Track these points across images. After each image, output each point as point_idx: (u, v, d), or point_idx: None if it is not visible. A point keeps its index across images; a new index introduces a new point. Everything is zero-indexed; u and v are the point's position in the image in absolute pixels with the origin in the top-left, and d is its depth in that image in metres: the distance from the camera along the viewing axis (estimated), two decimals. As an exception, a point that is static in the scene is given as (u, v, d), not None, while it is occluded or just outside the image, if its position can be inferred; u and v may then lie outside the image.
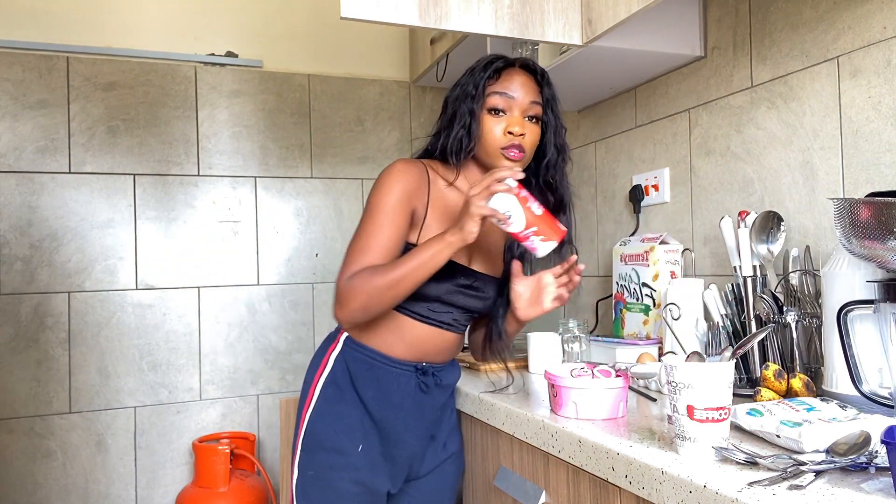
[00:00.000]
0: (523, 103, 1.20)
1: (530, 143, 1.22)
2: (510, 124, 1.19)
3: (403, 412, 1.25)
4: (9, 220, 2.15)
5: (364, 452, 1.22)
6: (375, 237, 1.16)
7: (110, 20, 2.28)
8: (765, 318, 1.21)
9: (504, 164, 1.19)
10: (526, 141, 1.21)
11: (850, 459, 0.76)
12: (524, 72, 1.24)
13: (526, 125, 1.21)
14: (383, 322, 1.23)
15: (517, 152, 1.19)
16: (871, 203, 0.90)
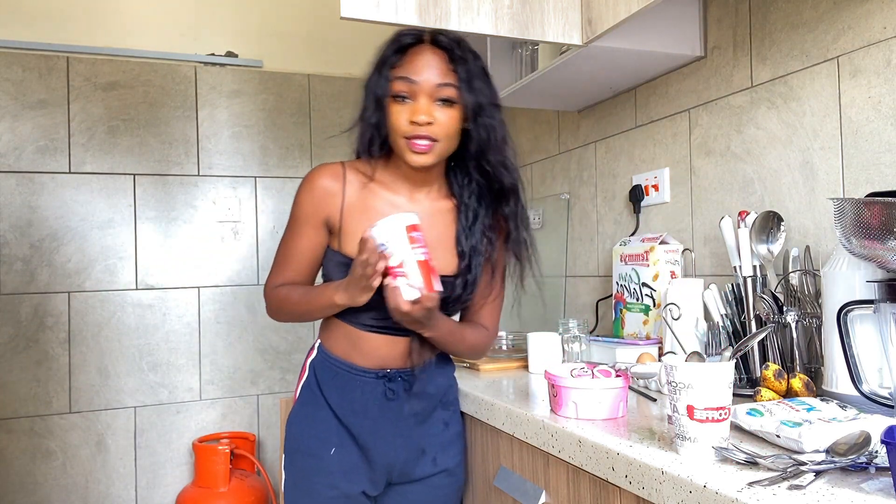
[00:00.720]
0: (429, 87, 1.08)
1: (444, 131, 1.10)
2: (414, 112, 1.08)
3: (369, 419, 1.20)
4: (9, 220, 2.15)
5: (337, 456, 1.19)
6: (289, 249, 1.21)
7: (110, 20, 2.28)
8: (765, 318, 1.21)
9: (410, 158, 1.11)
10: (436, 129, 1.09)
11: (850, 459, 0.76)
12: (433, 49, 1.11)
13: (437, 110, 1.09)
14: (340, 332, 1.21)
15: (424, 143, 1.09)
16: (871, 203, 0.90)
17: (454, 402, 1.32)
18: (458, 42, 1.13)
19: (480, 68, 1.14)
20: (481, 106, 1.12)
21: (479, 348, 1.28)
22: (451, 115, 1.10)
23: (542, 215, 2.30)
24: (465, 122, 1.13)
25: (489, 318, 1.28)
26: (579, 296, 2.10)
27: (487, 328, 1.28)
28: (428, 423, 1.25)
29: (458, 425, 1.31)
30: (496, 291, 1.28)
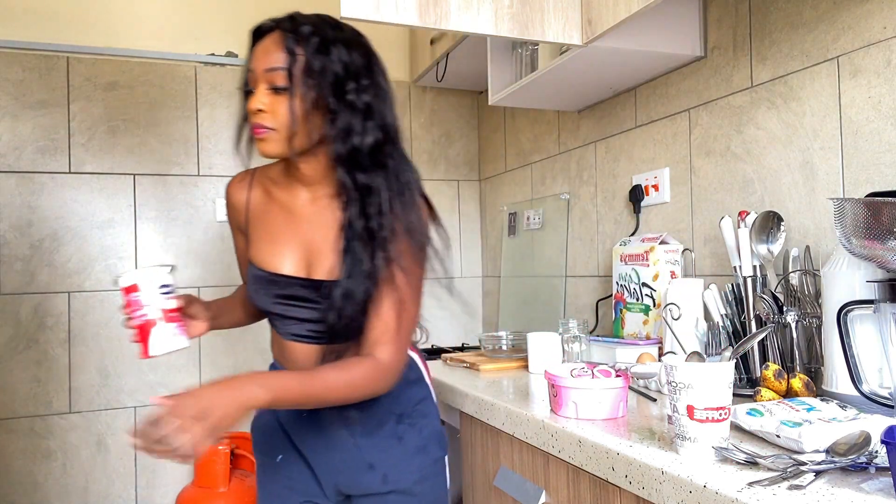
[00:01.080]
0: (259, 73, 1.01)
1: (278, 119, 1.00)
2: (249, 102, 1.02)
3: (303, 429, 1.16)
4: (9, 220, 2.15)
5: (284, 463, 1.18)
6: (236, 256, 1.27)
7: (110, 20, 2.28)
8: (765, 318, 1.21)
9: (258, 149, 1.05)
10: (269, 118, 1.01)
11: (850, 459, 0.76)
12: (275, 34, 1.02)
13: (269, 98, 1.01)
14: (274, 338, 1.19)
15: (261, 132, 1.02)
16: (871, 203, 0.90)
17: (420, 417, 1.18)
18: (305, 22, 1.02)
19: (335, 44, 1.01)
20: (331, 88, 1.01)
21: (363, 387, 1.01)
22: (282, 101, 1.00)
23: (542, 215, 2.30)
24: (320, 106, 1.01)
25: (381, 339, 1.04)
26: (579, 296, 2.10)
27: (377, 355, 1.03)
28: (377, 436, 1.14)
29: (417, 441, 1.17)
30: (388, 304, 1.04)
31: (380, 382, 1.04)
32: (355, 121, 1.02)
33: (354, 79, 1.02)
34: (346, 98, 1.01)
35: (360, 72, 1.03)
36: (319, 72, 1.00)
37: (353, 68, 1.02)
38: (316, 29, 1.01)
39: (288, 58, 0.99)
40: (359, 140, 1.02)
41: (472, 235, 2.78)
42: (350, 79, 1.02)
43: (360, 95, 1.02)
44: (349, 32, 1.06)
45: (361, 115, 1.02)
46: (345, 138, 1.02)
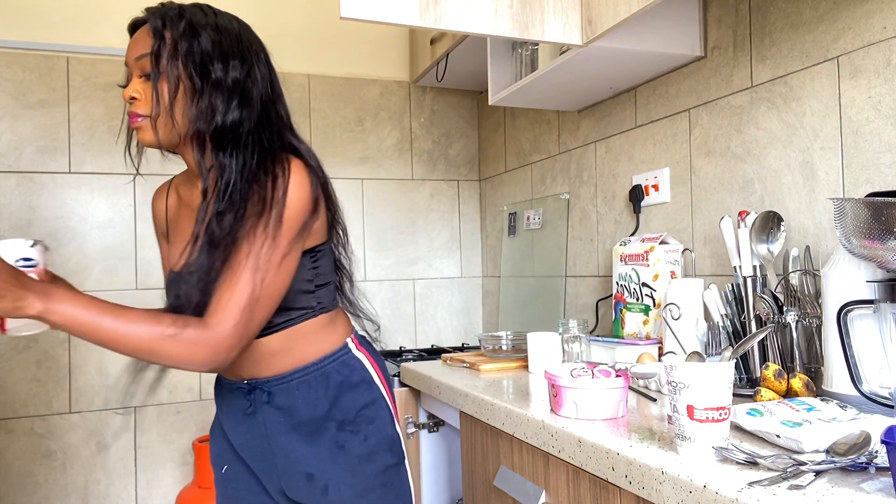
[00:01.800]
0: (130, 61, 1.02)
1: (147, 106, 1.00)
2: (124, 93, 1.02)
3: (240, 436, 1.12)
4: (9, 220, 2.15)
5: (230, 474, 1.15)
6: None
7: (110, 20, 2.28)
8: (765, 318, 1.21)
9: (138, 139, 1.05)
10: (140, 105, 1.00)
11: (850, 459, 0.76)
12: (144, 25, 1.02)
13: (142, 86, 1.01)
14: None
15: (134, 119, 1.01)
16: (871, 203, 0.90)
17: (364, 423, 1.09)
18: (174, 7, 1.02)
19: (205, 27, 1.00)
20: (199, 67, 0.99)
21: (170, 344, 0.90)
22: (150, 87, 0.99)
23: (542, 215, 2.30)
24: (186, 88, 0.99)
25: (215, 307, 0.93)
26: (579, 296, 2.10)
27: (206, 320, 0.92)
28: (316, 444, 1.07)
29: (361, 449, 1.08)
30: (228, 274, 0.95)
31: (195, 348, 0.91)
32: (219, 100, 0.99)
33: (222, 59, 1.00)
34: (211, 77, 0.99)
35: (230, 53, 1.01)
36: (185, 53, 0.98)
37: (222, 49, 1.00)
38: (184, 12, 1.01)
39: (155, 42, 0.98)
40: (220, 119, 0.99)
41: (472, 235, 2.78)
42: (218, 59, 1.00)
43: (227, 75, 1.00)
44: (225, 19, 1.04)
45: (227, 94, 1.00)
46: (208, 117, 0.99)
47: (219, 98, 0.99)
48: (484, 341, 1.84)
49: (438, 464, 1.88)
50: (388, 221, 2.63)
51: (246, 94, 1.02)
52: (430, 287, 2.68)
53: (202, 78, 0.99)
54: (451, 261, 2.73)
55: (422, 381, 1.69)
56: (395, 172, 2.64)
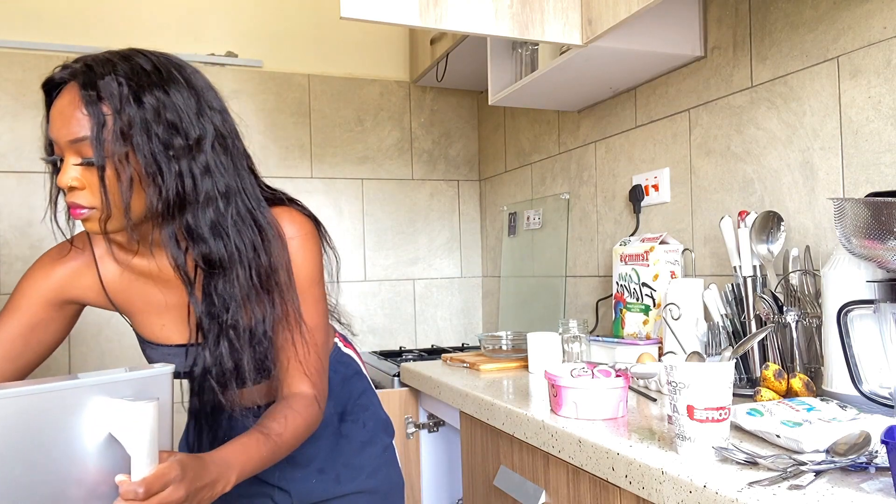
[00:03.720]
0: (63, 143, 0.83)
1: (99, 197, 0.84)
2: (58, 177, 0.85)
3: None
4: (9, 219, 2.15)
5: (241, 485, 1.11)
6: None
7: (110, 20, 2.28)
8: (765, 318, 1.21)
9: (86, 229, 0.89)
10: (84, 195, 0.84)
11: (850, 459, 0.76)
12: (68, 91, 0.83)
13: (81, 170, 0.83)
14: None
15: (80, 212, 0.85)
16: (871, 203, 0.90)
17: (361, 411, 1.17)
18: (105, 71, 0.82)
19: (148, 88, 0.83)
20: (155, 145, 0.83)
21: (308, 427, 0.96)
22: (94, 175, 0.83)
23: (542, 215, 2.30)
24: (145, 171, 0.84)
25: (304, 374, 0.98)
26: (579, 296, 2.10)
27: (306, 392, 0.98)
28: (321, 438, 1.12)
29: (363, 435, 1.16)
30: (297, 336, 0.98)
31: (319, 417, 0.99)
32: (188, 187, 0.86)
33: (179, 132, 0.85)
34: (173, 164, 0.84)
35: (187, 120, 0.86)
36: (136, 133, 0.82)
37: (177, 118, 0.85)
38: (120, 77, 0.82)
39: (91, 123, 0.80)
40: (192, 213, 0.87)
41: (472, 235, 2.78)
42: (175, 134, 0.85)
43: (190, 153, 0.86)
44: (161, 66, 0.88)
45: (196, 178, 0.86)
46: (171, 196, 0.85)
47: (187, 185, 0.86)
48: (484, 341, 1.84)
49: (438, 464, 1.88)
50: (388, 221, 2.63)
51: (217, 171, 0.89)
52: (430, 287, 2.68)
53: (159, 163, 0.84)
54: (451, 261, 2.73)
55: (422, 381, 1.69)
56: (395, 172, 2.64)
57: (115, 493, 0.73)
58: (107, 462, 0.75)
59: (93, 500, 0.74)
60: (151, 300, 1.00)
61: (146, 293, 0.99)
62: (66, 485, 0.73)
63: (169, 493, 0.72)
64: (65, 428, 0.72)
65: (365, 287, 2.58)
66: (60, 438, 0.72)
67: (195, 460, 0.78)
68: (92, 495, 0.74)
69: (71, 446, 0.72)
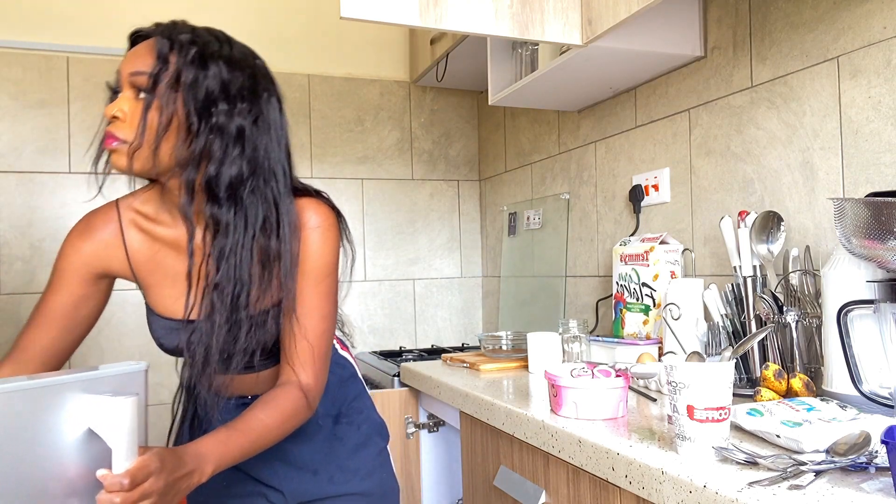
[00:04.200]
0: (124, 75, 0.90)
1: (132, 127, 0.89)
2: (107, 108, 0.91)
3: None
4: (9, 220, 2.15)
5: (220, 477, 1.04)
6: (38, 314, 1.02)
7: (110, 20, 2.28)
8: (765, 318, 1.21)
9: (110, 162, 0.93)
10: (123, 127, 0.90)
11: (850, 459, 0.76)
12: (149, 39, 0.93)
13: (130, 104, 0.90)
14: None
15: (108, 140, 0.90)
16: (871, 203, 0.90)
17: (356, 413, 1.18)
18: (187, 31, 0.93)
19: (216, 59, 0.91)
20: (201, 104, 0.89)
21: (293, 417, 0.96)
22: (139, 110, 0.89)
23: (542, 215, 2.30)
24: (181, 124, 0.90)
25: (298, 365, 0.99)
26: (579, 296, 2.10)
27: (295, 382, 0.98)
28: (316, 440, 1.13)
29: (357, 438, 1.16)
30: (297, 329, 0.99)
31: (309, 409, 0.99)
32: (215, 146, 0.90)
33: (229, 100, 0.91)
34: (212, 119, 0.90)
35: (238, 94, 0.92)
36: (189, 85, 0.89)
37: (231, 89, 0.91)
38: (196, 39, 0.92)
39: (156, 63, 0.89)
40: (215, 169, 0.90)
41: (472, 235, 2.78)
42: (223, 100, 0.90)
43: (231, 119, 0.90)
44: (240, 51, 0.95)
45: (228, 142, 0.91)
46: (198, 164, 0.90)
47: (216, 144, 0.90)
48: (484, 341, 1.84)
49: (438, 464, 1.88)
50: (388, 221, 2.63)
51: (250, 143, 0.93)
52: (430, 287, 2.68)
53: (201, 118, 0.89)
54: (451, 261, 2.73)
55: (422, 381, 1.69)
56: (395, 172, 2.64)
57: (94, 487, 0.74)
58: (85, 457, 0.75)
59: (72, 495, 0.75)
60: (169, 271, 1.01)
61: (166, 263, 1.01)
62: (45, 480, 0.73)
63: (150, 484, 0.75)
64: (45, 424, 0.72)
65: (365, 287, 2.58)
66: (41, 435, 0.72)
67: (172, 453, 0.81)
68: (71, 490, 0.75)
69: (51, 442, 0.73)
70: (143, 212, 1.02)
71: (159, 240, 1.01)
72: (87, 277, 1.01)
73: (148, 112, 0.89)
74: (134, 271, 1.02)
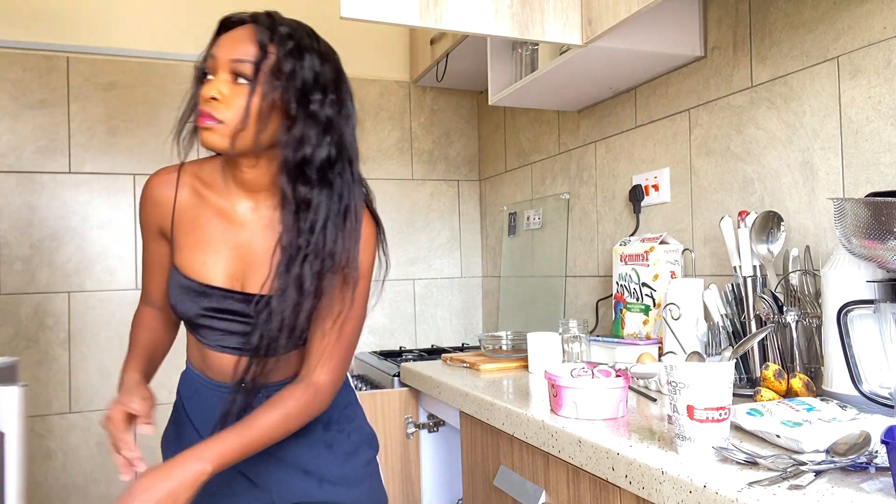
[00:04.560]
0: (224, 60, 0.95)
1: (232, 111, 0.95)
2: (204, 88, 0.96)
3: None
4: (9, 220, 2.15)
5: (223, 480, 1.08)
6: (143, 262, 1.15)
7: (110, 20, 2.28)
8: (765, 318, 1.21)
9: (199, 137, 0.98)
10: (222, 107, 0.95)
11: (850, 459, 0.76)
12: (247, 26, 0.98)
13: (229, 87, 0.95)
14: (191, 345, 1.13)
15: (204, 119, 0.95)
16: (871, 203, 0.90)
17: (346, 422, 1.17)
18: (284, 23, 0.99)
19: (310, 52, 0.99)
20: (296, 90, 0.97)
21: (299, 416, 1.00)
22: (241, 93, 0.95)
23: (542, 215, 2.30)
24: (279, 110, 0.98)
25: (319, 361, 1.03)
26: (579, 296, 2.10)
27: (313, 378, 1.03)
28: (307, 442, 1.12)
29: (347, 446, 1.15)
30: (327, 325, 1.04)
31: (317, 406, 1.03)
32: (312, 132, 0.98)
33: (321, 90, 0.99)
34: (309, 108, 0.98)
35: (328, 86, 1.00)
36: (288, 74, 0.96)
37: (322, 80, 0.99)
38: (293, 32, 0.98)
39: (258, 52, 0.95)
40: (310, 152, 0.98)
41: (472, 235, 2.78)
42: (317, 90, 0.99)
43: (323, 108, 0.99)
44: (325, 46, 1.03)
45: (320, 128, 0.99)
46: (297, 147, 0.98)
47: (312, 130, 0.99)
48: (484, 341, 1.84)
49: (438, 464, 1.88)
50: (388, 221, 2.63)
51: (338, 130, 1.02)
52: (430, 287, 2.68)
53: (299, 105, 0.98)
54: (451, 261, 2.73)
55: (422, 381, 1.69)
56: (395, 172, 2.64)
57: None
58: None
59: None
60: (207, 237, 1.05)
61: (208, 229, 1.06)
62: None
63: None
64: None
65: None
66: None
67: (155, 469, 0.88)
68: None
69: None
70: (201, 177, 1.08)
71: (207, 205, 1.07)
72: (156, 232, 1.10)
73: (252, 98, 0.95)
74: (174, 227, 1.07)
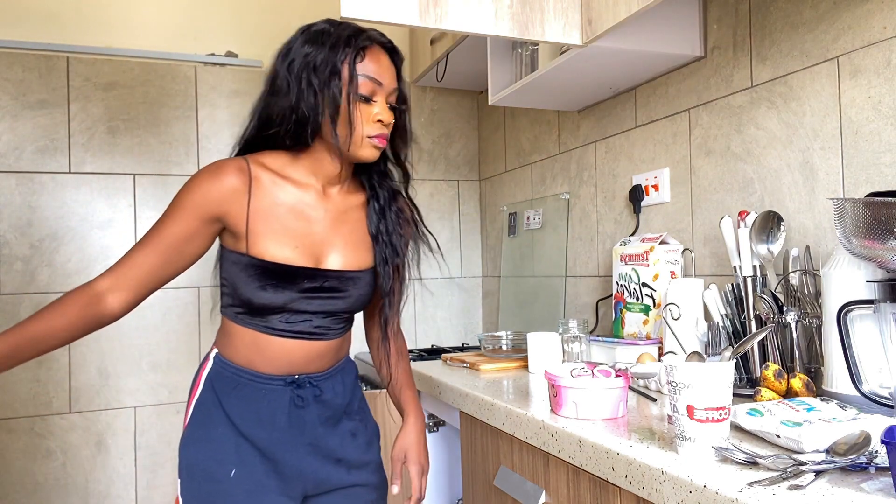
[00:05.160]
0: (388, 90, 1.14)
1: (389, 131, 1.17)
2: (381, 113, 1.12)
3: (277, 430, 1.12)
4: (9, 220, 2.15)
5: (238, 478, 1.09)
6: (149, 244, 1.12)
7: (110, 20, 2.28)
8: (765, 318, 1.21)
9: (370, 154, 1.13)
10: (387, 131, 1.15)
11: (850, 459, 0.76)
12: (383, 51, 1.17)
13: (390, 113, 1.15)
14: (240, 338, 1.14)
15: (384, 141, 1.14)
16: (871, 203, 0.90)
17: (359, 411, 1.25)
18: (398, 50, 1.22)
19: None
20: (408, 109, 1.22)
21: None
22: (400, 117, 1.19)
23: (542, 215, 2.30)
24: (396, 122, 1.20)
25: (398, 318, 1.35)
26: (579, 296, 2.10)
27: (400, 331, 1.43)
28: (337, 431, 1.19)
29: (366, 435, 1.24)
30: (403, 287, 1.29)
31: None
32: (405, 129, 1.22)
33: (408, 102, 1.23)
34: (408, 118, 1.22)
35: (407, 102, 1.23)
36: (405, 94, 1.20)
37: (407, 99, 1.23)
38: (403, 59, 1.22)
39: (400, 82, 1.18)
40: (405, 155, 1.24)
41: (472, 235, 2.78)
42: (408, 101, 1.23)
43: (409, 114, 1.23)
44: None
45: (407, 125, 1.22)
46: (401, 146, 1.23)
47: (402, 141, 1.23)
48: (484, 341, 1.84)
49: (438, 464, 1.88)
50: (388, 221, 2.62)
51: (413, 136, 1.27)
52: (430, 287, 2.68)
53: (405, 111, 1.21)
54: (451, 261, 2.73)
55: (422, 381, 1.69)
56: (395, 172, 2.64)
57: None
58: None
59: None
60: (282, 225, 1.12)
61: (282, 218, 1.12)
62: None
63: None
64: None
65: (365, 287, 2.58)
66: None
67: None
68: None
69: None
70: (271, 167, 1.14)
71: (281, 195, 1.13)
72: (205, 217, 1.10)
73: (407, 120, 1.21)
74: (249, 219, 1.11)
